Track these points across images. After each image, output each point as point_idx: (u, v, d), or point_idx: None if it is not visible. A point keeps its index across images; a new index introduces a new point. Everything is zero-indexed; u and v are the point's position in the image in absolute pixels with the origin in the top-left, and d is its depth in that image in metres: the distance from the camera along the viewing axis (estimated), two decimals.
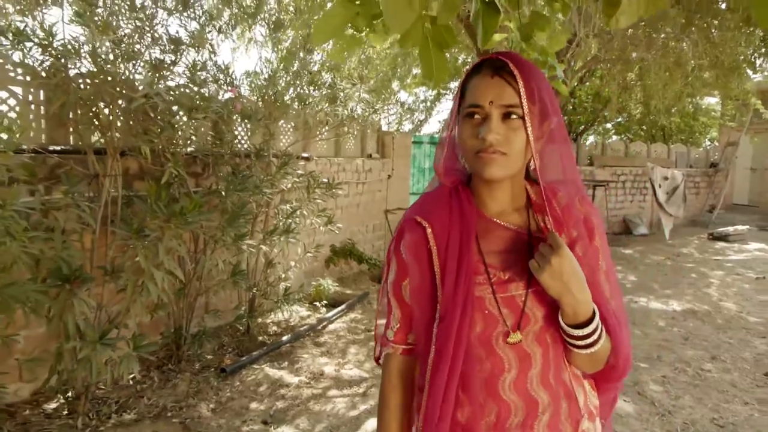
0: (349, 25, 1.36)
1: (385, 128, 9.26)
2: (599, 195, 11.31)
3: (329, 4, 6.54)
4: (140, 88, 3.12)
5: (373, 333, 5.25)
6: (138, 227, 3.27)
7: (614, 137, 17.72)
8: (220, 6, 4.65)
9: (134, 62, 3.40)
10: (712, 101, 17.16)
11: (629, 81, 9.21)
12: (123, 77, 3.52)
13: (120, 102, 3.45)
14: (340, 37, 1.37)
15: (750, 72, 9.33)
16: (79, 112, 3.56)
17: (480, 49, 6.25)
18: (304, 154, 6.19)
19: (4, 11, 3.95)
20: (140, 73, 3.59)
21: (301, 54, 5.09)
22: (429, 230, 1.22)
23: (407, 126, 8.42)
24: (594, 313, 1.14)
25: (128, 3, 3.29)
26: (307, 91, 4.79)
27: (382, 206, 9.12)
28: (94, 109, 3.49)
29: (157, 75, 3.44)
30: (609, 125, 17.24)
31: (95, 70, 3.38)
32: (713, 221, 14.00)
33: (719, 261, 9.80)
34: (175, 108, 3.63)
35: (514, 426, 1.17)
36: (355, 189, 8.09)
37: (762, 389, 4.26)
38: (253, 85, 4.88)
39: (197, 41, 4.02)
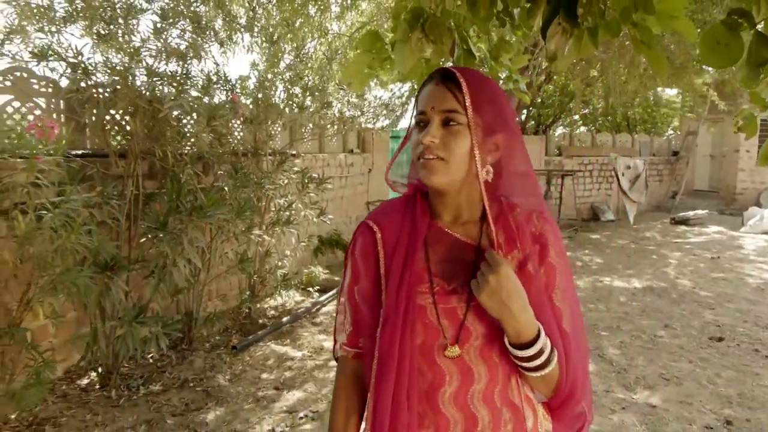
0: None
1: (363, 124, 9.79)
2: (567, 184, 11.97)
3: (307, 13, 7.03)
4: (166, 100, 3.59)
5: None
6: (163, 221, 3.75)
7: (582, 128, 18.49)
8: (214, 16, 5.12)
9: (153, 76, 3.86)
10: (672, 93, 18.01)
11: (592, 77, 9.90)
12: (143, 89, 4.00)
13: (142, 111, 3.91)
14: (361, 74, 1.89)
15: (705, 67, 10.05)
16: (105, 120, 4.00)
17: None
18: (292, 152, 6.68)
19: (24, 29, 4.35)
20: (157, 84, 4.05)
21: (289, 60, 5.59)
22: (378, 235, 1.24)
23: (384, 121, 8.94)
24: (539, 333, 1.11)
25: (151, 27, 3.76)
26: (301, 97, 5.29)
27: (364, 198, 9.66)
28: (119, 118, 3.95)
29: (176, 87, 3.91)
30: (576, 117, 18.03)
31: (119, 82, 3.84)
32: (675, 206, 14.81)
33: (679, 243, 10.54)
34: (191, 115, 4.11)
35: None
36: (339, 183, 8.61)
37: (705, 350, 4.91)
38: (246, 90, 5.36)
39: (196, 52, 4.49)
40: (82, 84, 3.85)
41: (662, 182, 16.11)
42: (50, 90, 4.23)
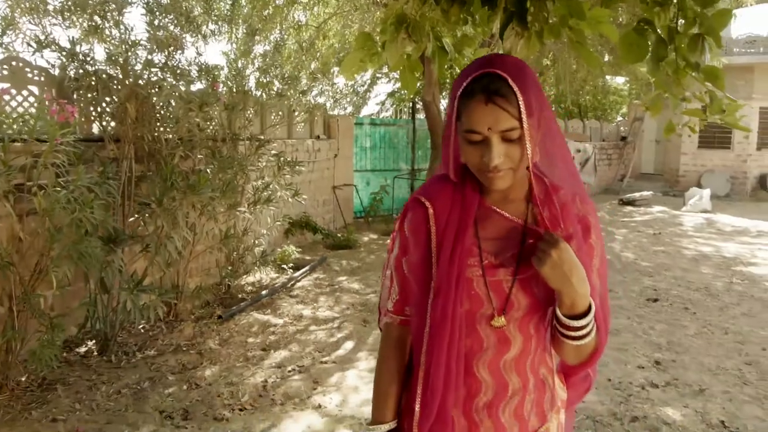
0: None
1: (331, 111, 10.16)
2: None
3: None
4: (159, 88, 3.95)
5: (336, 287, 6.24)
6: (159, 198, 4.11)
7: None
8: (194, 7, 5.44)
9: (149, 66, 4.20)
10: (620, 81, 18.90)
11: (544, 66, 10.52)
12: (131, 77, 4.33)
13: (135, 98, 4.25)
14: (356, 67, 2.33)
15: None
16: (100, 106, 4.33)
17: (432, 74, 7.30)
18: (266, 138, 7.04)
19: (15, 21, 4.60)
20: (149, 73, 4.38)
21: (261, 49, 5.96)
22: (431, 210, 1.29)
23: (348, 108, 9.35)
24: (590, 306, 1.19)
25: (147, 22, 4.10)
26: (278, 85, 5.68)
27: (330, 183, 10.06)
28: (106, 105, 4.29)
29: (174, 77, 4.26)
30: None
31: (114, 71, 4.17)
32: (623, 188, 15.69)
33: (625, 222, 11.31)
34: (179, 102, 4.46)
35: (482, 405, 1.25)
36: (307, 167, 8.97)
37: (642, 309, 5.55)
38: (219, 78, 5.70)
39: (179, 44, 4.81)
40: (79, 71, 4.17)
41: (611, 166, 16.99)
42: (43, 78, 4.50)
